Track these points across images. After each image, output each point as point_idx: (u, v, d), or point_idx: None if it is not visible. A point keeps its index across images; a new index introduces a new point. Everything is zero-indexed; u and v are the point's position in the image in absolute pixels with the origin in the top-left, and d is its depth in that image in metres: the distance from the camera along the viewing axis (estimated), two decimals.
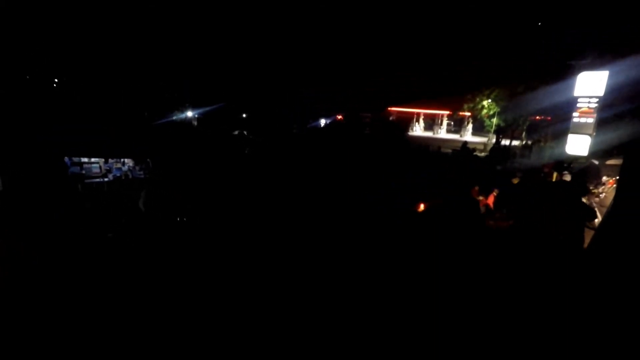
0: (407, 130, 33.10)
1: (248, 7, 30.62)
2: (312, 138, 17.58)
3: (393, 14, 32.72)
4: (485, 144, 24.75)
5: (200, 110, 25.13)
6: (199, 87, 26.34)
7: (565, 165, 11.39)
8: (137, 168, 8.46)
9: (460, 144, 19.12)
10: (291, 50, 32.35)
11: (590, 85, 15.45)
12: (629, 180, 5.20)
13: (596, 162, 11.75)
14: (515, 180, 9.75)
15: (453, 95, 28.71)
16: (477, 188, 9.24)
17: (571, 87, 16.21)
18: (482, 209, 8.92)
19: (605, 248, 5.34)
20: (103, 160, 8.09)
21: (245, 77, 29.55)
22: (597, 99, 15.41)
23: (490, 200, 8.99)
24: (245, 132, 14.46)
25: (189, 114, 27.41)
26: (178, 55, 26.02)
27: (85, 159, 8.49)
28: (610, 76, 15.04)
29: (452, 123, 36.37)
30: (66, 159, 8.17)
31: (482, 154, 20.38)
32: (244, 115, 24.85)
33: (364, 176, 10.52)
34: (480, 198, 9.15)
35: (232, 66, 29.34)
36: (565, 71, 18.45)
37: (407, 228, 7.59)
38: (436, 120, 35.81)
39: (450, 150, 18.58)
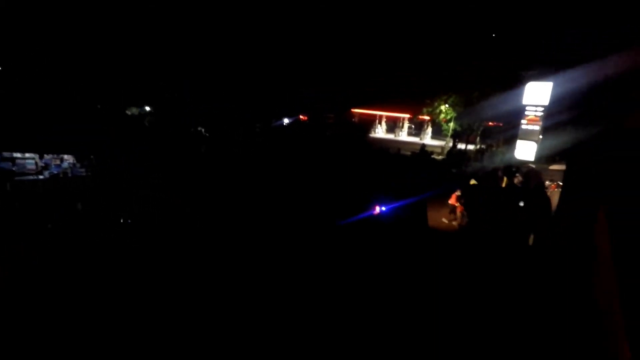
0: (369, 132, 33.63)
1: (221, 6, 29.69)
2: (275, 137, 17.30)
3: (361, 17, 33.11)
4: (442, 148, 25.67)
5: (157, 106, 23.90)
6: (159, 82, 25.10)
7: (514, 169, 11.99)
8: (78, 165, 7.78)
9: (419, 147, 19.70)
10: (258, 49, 31.76)
11: (537, 94, 16.48)
12: (572, 185, 5.54)
13: (533, 166, 12.56)
14: (472, 182, 10.01)
15: (414, 99, 29.54)
16: (458, 193, 9.43)
17: (521, 96, 17.23)
18: (459, 215, 9.10)
19: (550, 246, 5.67)
20: (38, 155, 7.36)
21: (209, 73, 28.59)
22: (543, 108, 16.49)
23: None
24: (202, 129, 13.84)
25: (147, 108, 26.00)
26: (138, 48, 24.62)
27: (17, 154, 7.71)
28: (554, 87, 16.13)
29: (413, 126, 37.45)
30: None
31: (440, 157, 21.11)
32: (204, 112, 23.96)
33: (324, 176, 10.45)
34: (457, 204, 9.34)
35: (197, 62, 28.26)
36: (516, 81, 19.55)
37: (363, 228, 7.62)
38: (398, 123, 36.72)
39: (409, 153, 19.06)
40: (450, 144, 26.25)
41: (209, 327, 4.07)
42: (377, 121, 37.65)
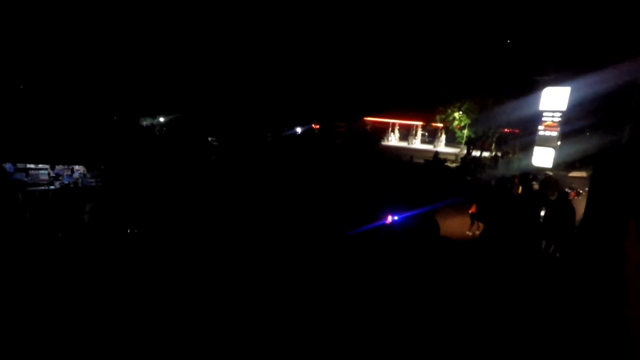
0: (381, 141, 33.34)
1: (227, 11, 30.26)
2: (284, 147, 17.28)
3: (373, 25, 33.22)
4: (456, 155, 25.19)
5: (171, 116, 24.28)
6: (175, 91, 25.50)
7: (531, 177, 11.62)
8: (89, 175, 7.86)
9: (433, 155, 19.34)
10: (269, 58, 32.13)
11: (554, 100, 16.04)
12: (599, 193, 5.30)
13: (551, 174, 12.17)
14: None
15: (427, 107, 29.22)
16: (475, 206, 9.09)
17: (537, 102, 16.80)
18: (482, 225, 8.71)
19: (576, 257, 5.40)
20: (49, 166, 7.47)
21: (221, 81, 29.00)
22: (561, 113, 16.02)
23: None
24: (210, 139, 13.86)
25: (161, 119, 26.48)
26: (155, 56, 25.11)
27: (31, 165, 7.84)
28: (572, 91, 15.68)
29: (427, 134, 37.02)
30: (8, 164, 7.52)
31: (454, 165, 20.69)
32: (214, 121, 24.12)
33: (334, 187, 10.32)
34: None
35: (208, 70, 28.72)
36: (532, 86, 19.11)
37: (375, 239, 7.42)
38: (411, 131, 36.38)
39: (422, 161, 18.73)
40: (465, 151, 25.75)
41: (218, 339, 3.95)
42: (390, 129, 37.42)
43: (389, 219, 8.51)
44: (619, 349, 3.06)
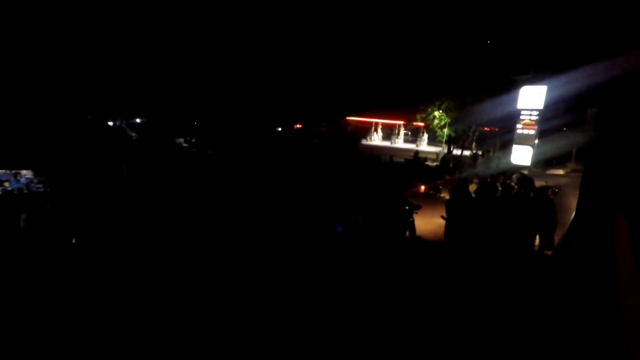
0: (362, 140, 33.17)
1: (203, 10, 29.52)
2: (261, 146, 16.86)
3: (355, 25, 33.09)
4: (437, 154, 25.19)
5: (145, 117, 23.40)
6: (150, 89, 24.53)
7: (507, 174, 11.58)
8: (36, 180, 7.21)
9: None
10: (249, 57, 31.55)
11: (531, 98, 16.09)
12: (590, 189, 5.21)
13: (526, 172, 12.26)
14: (473, 187, 9.42)
15: (408, 106, 29.20)
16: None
17: (516, 100, 16.87)
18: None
19: (565, 254, 5.27)
20: None
21: (202, 81, 28.23)
22: (538, 112, 16.09)
23: None
24: (179, 140, 13.27)
25: (138, 120, 25.53)
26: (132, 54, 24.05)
27: None
28: (549, 90, 15.74)
29: (409, 133, 37.05)
30: None
31: (434, 164, 20.59)
32: (188, 121, 23.34)
33: (310, 187, 9.98)
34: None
35: (189, 70, 27.86)
36: (510, 85, 19.22)
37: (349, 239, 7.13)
38: (394, 130, 36.31)
39: (402, 160, 18.56)
40: (446, 150, 25.79)
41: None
42: (372, 129, 37.29)
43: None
44: (611, 348, 2.85)
